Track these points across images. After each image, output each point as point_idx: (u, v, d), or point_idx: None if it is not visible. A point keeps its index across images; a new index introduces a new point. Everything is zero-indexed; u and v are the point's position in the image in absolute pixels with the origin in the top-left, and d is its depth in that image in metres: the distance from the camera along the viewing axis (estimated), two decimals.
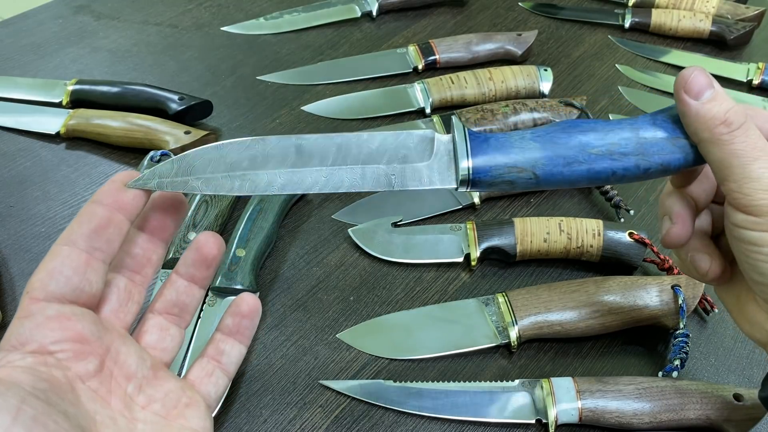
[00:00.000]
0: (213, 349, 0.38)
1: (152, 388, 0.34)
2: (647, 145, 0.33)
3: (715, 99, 0.32)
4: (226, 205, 0.59)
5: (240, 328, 0.38)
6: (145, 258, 0.35)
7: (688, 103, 0.32)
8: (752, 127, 0.32)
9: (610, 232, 0.55)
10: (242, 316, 0.38)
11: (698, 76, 0.32)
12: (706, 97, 0.32)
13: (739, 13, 0.84)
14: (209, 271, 0.37)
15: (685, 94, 0.32)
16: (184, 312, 0.37)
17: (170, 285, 0.37)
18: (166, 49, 0.81)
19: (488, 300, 0.52)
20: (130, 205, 0.32)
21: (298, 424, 0.47)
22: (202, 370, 0.37)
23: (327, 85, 0.75)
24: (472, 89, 0.72)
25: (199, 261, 0.36)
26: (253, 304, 0.38)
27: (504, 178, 0.34)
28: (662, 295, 0.50)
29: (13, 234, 0.59)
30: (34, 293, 0.30)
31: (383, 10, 0.86)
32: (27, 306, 0.30)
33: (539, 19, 0.87)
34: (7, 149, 0.68)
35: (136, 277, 0.35)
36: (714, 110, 0.32)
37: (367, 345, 0.51)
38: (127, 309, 0.34)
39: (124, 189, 0.32)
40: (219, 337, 0.38)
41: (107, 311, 0.34)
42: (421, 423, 0.47)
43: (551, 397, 0.46)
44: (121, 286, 0.34)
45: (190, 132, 0.65)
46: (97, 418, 0.30)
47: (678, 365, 0.48)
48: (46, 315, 0.30)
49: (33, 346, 0.29)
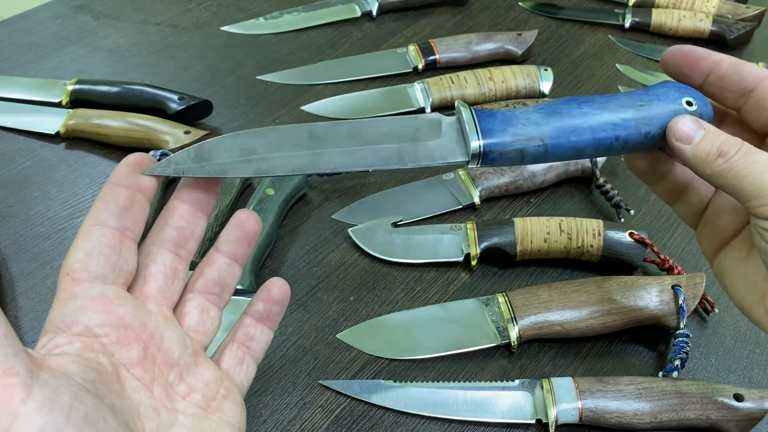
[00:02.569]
0: (243, 335, 0.36)
1: (193, 376, 0.33)
2: (645, 110, 0.35)
3: (705, 138, 0.34)
4: (226, 205, 0.59)
5: (270, 314, 0.37)
6: (189, 231, 0.34)
7: (682, 149, 0.34)
8: (751, 148, 0.33)
9: (610, 232, 0.55)
10: (274, 301, 0.37)
11: (685, 123, 0.34)
12: (696, 139, 0.34)
13: (740, 12, 0.84)
14: (249, 248, 0.36)
15: (677, 142, 0.35)
16: (225, 291, 0.36)
17: (211, 263, 0.36)
18: (166, 49, 0.81)
19: (488, 300, 0.52)
20: (147, 187, 0.33)
21: (298, 424, 0.47)
22: (233, 357, 0.36)
23: (327, 85, 0.75)
24: (472, 89, 0.71)
25: (242, 237, 0.36)
26: (284, 290, 0.37)
27: (514, 147, 0.35)
28: (662, 295, 0.50)
29: (12, 234, 0.59)
30: (76, 274, 0.30)
31: (383, 9, 0.86)
32: (70, 287, 0.29)
33: (539, 19, 0.87)
34: (7, 149, 0.68)
35: (181, 251, 0.34)
36: (707, 147, 0.34)
37: (367, 345, 0.51)
38: (173, 287, 0.34)
39: (137, 170, 0.32)
40: (249, 322, 0.37)
41: (154, 290, 0.33)
42: (421, 423, 0.47)
43: (551, 397, 0.46)
44: (167, 262, 0.34)
45: (190, 132, 0.65)
46: (141, 410, 0.30)
47: (678, 365, 0.48)
48: (90, 296, 0.29)
49: (78, 328, 0.29)
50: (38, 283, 0.55)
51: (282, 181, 0.60)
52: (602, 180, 0.61)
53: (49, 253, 0.58)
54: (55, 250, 0.58)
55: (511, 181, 0.62)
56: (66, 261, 0.30)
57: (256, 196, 0.58)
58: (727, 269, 0.38)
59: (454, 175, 0.62)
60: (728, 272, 0.38)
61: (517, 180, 0.62)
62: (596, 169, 0.62)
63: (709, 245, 0.39)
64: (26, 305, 0.54)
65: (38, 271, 0.56)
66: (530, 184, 0.62)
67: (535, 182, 0.62)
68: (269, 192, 0.59)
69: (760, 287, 0.35)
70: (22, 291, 0.55)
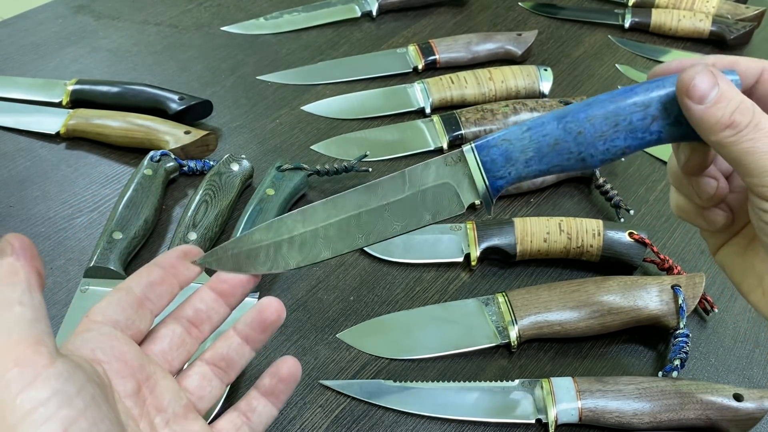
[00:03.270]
0: (245, 405, 0.37)
1: (179, 426, 0.34)
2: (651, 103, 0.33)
3: (719, 101, 0.31)
4: (226, 205, 0.59)
5: (275, 391, 0.37)
6: (206, 315, 0.36)
7: (692, 108, 0.31)
8: (761, 118, 0.31)
9: (610, 232, 0.55)
10: (280, 379, 0.37)
11: (701, 80, 0.31)
12: (710, 100, 0.31)
13: (739, 13, 0.84)
14: (264, 334, 0.37)
15: (688, 99, 0.31)
16: (230, 368, 0.37)
17: (225, 339, 0.37)
18: (166, 49, 0.81)
19: (488, 300, 0.52)
20: (183, 274, 0.36)
21: (298, 424, 0.47)
22: (230, 423, 0.36)
23: (327, 85, 0.75)
24: (472, 89, 0.72)
25: (257, 322, 0.37)
26: (293, 369, 0.37)
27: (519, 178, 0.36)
28: (662, 295, 0.50)
29: None
30: (93, 316, 0.33)
31: (383, 10, 0.86)
32: (85, 324, 0.33)
33: (539, 19, 0.87)
34: (7, 149, 0.68)
35: (193, 330, 0.36)
36: (718, 114, 0.31)
37: (367, 345, 0.51)
38: (176, 354, 0.36)
39: (182, 259, 0.36)
40: (254, 395, 0.37)
41: (156, 351, 0.35)
42: (421, 423, 0.47)
43: (551, 397, 0.46)
44: (177, 332, 0.36)
45: (190, 132, 0.65)
46: (128, 430, 0.31)
47: (678, 365, 0.48)
48: (101, 332, 0.32)
49: (85, 351, 0.32)
50: None
51: (282, 181, 0.60)
52: (602, 180, 0.62)
53: (50, 253, 0.58)
54: (56, 250, 0.58)
55: None
56: (91, 308, 0.34)
57: (256, 196, 0.58)
58: (729, 257, 0.38)
59: None
60: (730, 260, 0.38)
61: None
62: (596, 169, 0.62)
63: (717, 240, 0.39)
64: None
65: None
66: (530, 184, 0.62)
67: (535, 182, 0.62)
68: (269, 192, 0.59)
69: (759, 270, 0.35)
70: None
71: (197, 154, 0.65)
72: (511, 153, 0.35)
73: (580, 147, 0.34)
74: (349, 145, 0.68)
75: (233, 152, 0.65)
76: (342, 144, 0.68)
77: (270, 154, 0.67)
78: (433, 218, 0.37)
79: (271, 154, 0.67)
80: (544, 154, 0.34)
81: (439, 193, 0.36)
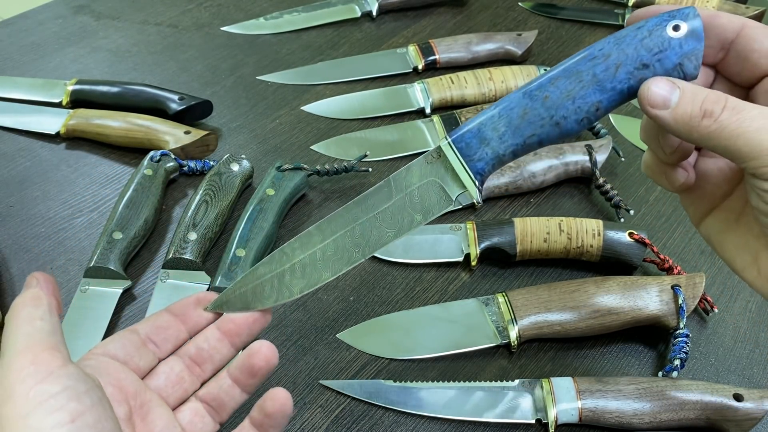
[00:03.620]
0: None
1: None
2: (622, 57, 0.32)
3: (683, 98, 0.31)
4: (226, 205, 0.59)
5: (264, 425, 0.36)
6: (208, 354, 0.37)
7: (661, 116, 0.31)
8: (739, 103, 0.30)
9: (610, 232, 0.55)
10: (266, 414, 0.35)
11: (657, 86, 0.31)
12: (674, 101, 0.31)
13: (739, 13, 0.84)
14: (254, 379, 0.36)
15: (654, 109, 0.31)
16: (221, 409, 0.37)
17: (217, 379, 0.37)
18: (166, 49, 0.81)
19: (488, 300, 0.52)
20: (192, 320, 0.37)
21: (298, 424, 0.47)
22: None
23: (327, 85, 0.75)
24: (472, 89, 0.72)
25: (246, 367, 0.36)
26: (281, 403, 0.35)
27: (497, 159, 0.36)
28: (662, 295, 0.50)
29: (13, 234, 0.59)
30: (95, 350, 0.35)
31: (383, 10, 0.86)
32: (86, 356, 0.34)
33: (539, 19, 0.87)
34: (7, 149, 0.68)
35: (195, 368, 0.37)
36: (688, 109, 0.31)
37: (367, 345, 0.51)
38: (172, 390, 0.36)
39: (194, 306, 0.37)
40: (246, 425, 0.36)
41: (152, 385, 0.36)
42: (421, 423, 0.47)
43: (551, 397, 0.46)
44: (176, 369, 0.36)
45: (190, 132, 0.65)
46: None
47: (678, 365, 0.48)
48: (99, 360, 0.34)
49: None
50: None
51: (282, 181, 0.60)
52: (602, 180, 0.62)
53: (50, 253, 0.58)
54: (56, 250, 0.58)
55: (511, 181, 0.62)
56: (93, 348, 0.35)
57: (256, 196, 0.58)
58: (715, 231, 0.37)
59: None
60: (717, 234, 0.36)
61: (517, 180, 0.62)
62: (596, 169, 0.62)
63: (696, 210, 0.38)
64: None
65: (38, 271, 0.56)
66: (530, 184, 0.62)
67: (534, 182, 0.62)
68: (269, 192, 0.59)
69: (753, 247, 0.34)
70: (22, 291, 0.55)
71: (197, 154, 0.65)
72: (484, 133, 0.35)
73: (550, 111, 0.34)
74: (349, 145, 0.68)
75: (233, 152, 0.65)
76: (342, 144, 0.68)
77: (270, 154, 0.67)
78: (423, 218, 0.36)
79: (271, 154, 0.67)
80: (515, 126, 0.34)
81: (426, 191, 0.36)
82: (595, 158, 0.62)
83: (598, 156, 0.62)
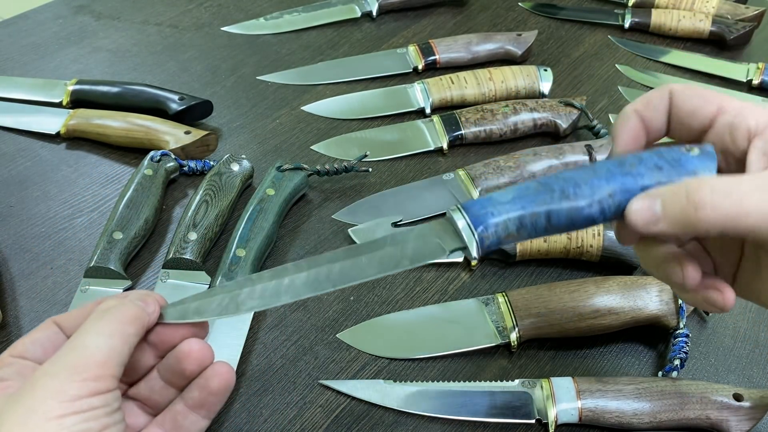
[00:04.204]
0: (170, 423, 0.34)
1: None
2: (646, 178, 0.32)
3: (666, 207, 0.30)
4: (227, 205, 0.59)
5: (206, 404, 0.34)
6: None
7: (660, 231, 0.30)
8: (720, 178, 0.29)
9: (610, 232, 0.55)
10: (210, 392, 0.34)
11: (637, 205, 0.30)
12: (658, 214, 0.30)
13: (739, 13, 0.84)
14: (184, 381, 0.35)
15: (651, 226, 0.30)
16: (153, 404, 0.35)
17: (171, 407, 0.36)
18: (166, 49, 0.81)
19: (488, 300, 0.52)
20: None
21: (298, 424, 0.47)
22: None
23: (327, 85, 0.75)
24: (472, 89, 0.72)
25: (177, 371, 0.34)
26: (227, 380, 0.34)
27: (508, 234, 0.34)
28: (662, 295, 0.50)
29: (13, 234, 0.59)
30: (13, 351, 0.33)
31: (383, 10, 0.86)
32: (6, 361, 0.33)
33: (539, 19, 0.87)
34: (7, 149, 0.68)
35: None
36: (677, 209, 0.29)
37: (367, 345, 0.51)
38: None
39: None
40: (180, 410, 0.34)
41: None
42: (421, 423, 0.47)
43: (551, 397, 0.46)
44: None
45: (190, 132, 0.65)
46: None
47: (678, 365, 0.48)
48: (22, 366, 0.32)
49: None
50: (38, 283, 0.55)
51: (282, 181, 0.60)
52: None
53: (50, 253, 0.58)
54: (56, 250, 0.58)
55: (511, 182, 0.62)
56: None
57: (257, 196, 0.58)
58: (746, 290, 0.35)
59: (453, 175, 0.62)
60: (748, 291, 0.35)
61: (517, 180, 0.62)
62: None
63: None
64: (26, 305, 0.54)
65: (38, 271, 0.56)
66: None
67: None
68: (269, 192, 0.59)
69: None
70: (23, 291, 0.55)
71: (197, 154, 0.65)
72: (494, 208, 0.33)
73: None
74: (349, 145, 0.68)
75: (233, 152, 0.65)
76: (342, 144, 0.68)
77: (270, 154, 0.68)
78: (411, 263, 0.34)
79: (271, 154, 0.67)
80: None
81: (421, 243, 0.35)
82: (595, 158, 0.62)
83: (598, 156, 0.62)
